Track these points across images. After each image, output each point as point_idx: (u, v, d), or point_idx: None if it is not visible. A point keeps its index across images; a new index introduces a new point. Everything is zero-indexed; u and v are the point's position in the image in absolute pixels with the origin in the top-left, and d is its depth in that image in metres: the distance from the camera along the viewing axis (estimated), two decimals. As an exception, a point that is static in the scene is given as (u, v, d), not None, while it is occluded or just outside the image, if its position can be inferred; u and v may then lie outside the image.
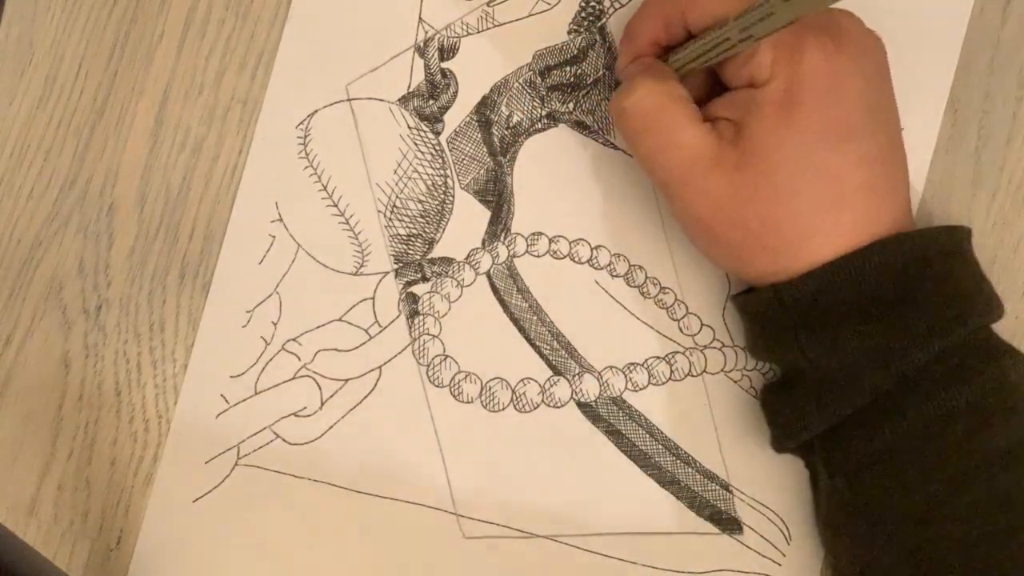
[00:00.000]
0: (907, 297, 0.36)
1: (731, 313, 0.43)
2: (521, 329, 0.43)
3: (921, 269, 0.36)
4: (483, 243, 0.44)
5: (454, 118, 0.44)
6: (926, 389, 0.36)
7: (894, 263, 0.36)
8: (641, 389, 0.43)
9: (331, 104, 0.44)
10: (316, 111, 0.44)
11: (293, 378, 0.44)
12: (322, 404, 0.43)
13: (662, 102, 0.37)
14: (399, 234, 0.44)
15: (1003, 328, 0.42)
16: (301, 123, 0.44)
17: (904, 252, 0.36)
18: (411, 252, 0.44)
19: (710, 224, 0.37)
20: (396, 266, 0.44)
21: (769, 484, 0.43)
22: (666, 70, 0.38)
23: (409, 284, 0.44)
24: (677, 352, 0.43)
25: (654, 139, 0.37)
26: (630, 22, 0.40)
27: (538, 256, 0.44)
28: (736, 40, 0.35)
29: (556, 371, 0.43)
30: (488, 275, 0.44)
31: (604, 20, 0.44)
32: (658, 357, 0.43)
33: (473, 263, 0.44)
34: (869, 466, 0.37)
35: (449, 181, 0.44)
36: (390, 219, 0.44)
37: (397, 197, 0.44)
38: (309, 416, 0.44)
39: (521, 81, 0.44)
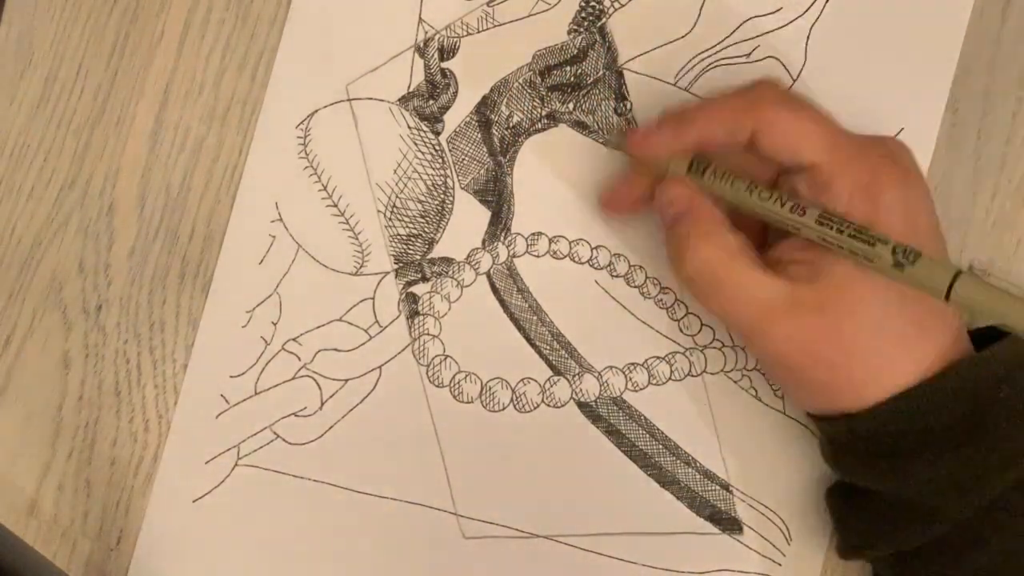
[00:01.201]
0: (979, 426, 0.36)
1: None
2: (521, 329, 0.43)
3: (992, 393, 0.36)
4: (483, 243, 0.44)
5: (454, 118, 0.44)
6: (1004, 518, 0.36)
7: (965, 389, 0.36)
8: (641, 389, 0.43)
9: (331, 104, 0.44)
10: (316, 111, 0.44)
11: (293, 378, 0.44)
12: (322, 404, 0.43)
13: (724, 260, 0.37)
14: (399, 234, 0.44)
15: (1003, 328, 0.42)
16: (301, 123, 0.44)
17: (971, 377, 0.36)
18: (411, 252, 0.44)
19: (794, 367, 0.37)
20: (396, 266, 0.44)
21: (769, 484, 0.43)
22: (714, 217, 0.38)
23: (409, 284, 0.44)
24: (677, 352, 0.43)
25: (724, 296, 0.37)
26: (692, 110, 0.38)
27: (538, 256, 0.44)
28: (787, 218, 0.36)
29: (556, 371, 0.43)
30: (488, 275, 0.44)
31: (604, 20, 0.43)
32: (658, 357, 0.43)
33: (473, 263, 0.44)
34: None
35: (449, 181, 0.44)
36: (390, 219, 0.44)
37: (397, 197, 0.44)
38: (309, 416, 0.44)
39: (521, 81, 0.44)
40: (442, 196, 0.44)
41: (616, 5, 0.43)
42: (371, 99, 0.44)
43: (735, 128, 0.37)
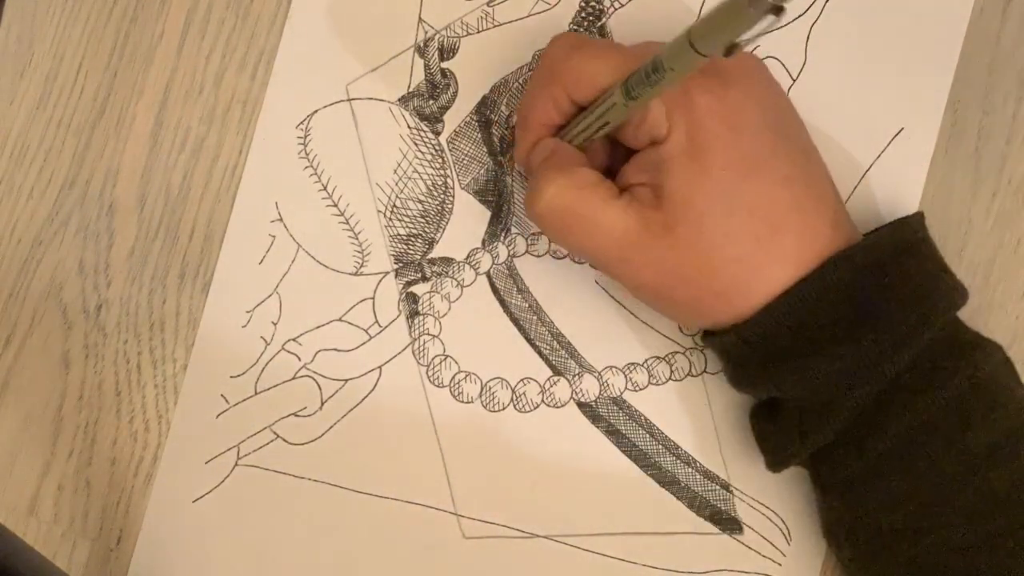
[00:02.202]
0: (867, 312, 0.36)
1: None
2: (521, 329, 0.43)
3: (876, 279, 0.36)
4: (483, 243, 0.44)
5: (454, 118, 0.44)
6: (902, 400, 0.36)
7: (848, 279, 0.36)
8: (641, 389, 0.43)
9: (331, 104, 0.44)
10: (316, 111, 0.44)
11: (293, 378, 0.44)
12: (322, 404, 0.43)
13: (574, 195, 0.37)
14: (399, 234, 0.44)
15: (1004, 329, 0.42)
16: (301, 123, 0.44)
17: (855, 265, 0.36)
18: (411, 252, 0.44)
19: (660, 289, 0.37)
20: (396, 266, 0.44)
21: (769, 484, 0.43)
22: (568, 154, 0.38)
23: (409, 284, 0.44)
24: (677, 352, 0.43)
25: (578, 231, 0.37)
26: (519, 108, 0.40)
27: (538, 256, 0.44)
28: (623, 104, 0.35)
29: (556, 371, 0.43)
30: (488, 275, 0.44)
31: (604, 20, 0.44)
32: (658, 357, 0.43)
33: (473, 263, 0.44)
34: (860, 482, 0.37)
35: (449, 181, 0.44)
36: (390, 219, 0.44)
37: (397, 197, 0.44)
38: (309, 416, 0.44)
39: (521, 81, 0.44)
40: (442, 196, 0.44)
41: (616, 5, 0.43)
42: (371, 99, 0.44)
43: (551, 99, 0.38)
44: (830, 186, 0.38)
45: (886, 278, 0.36)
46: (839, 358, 0.36)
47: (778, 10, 0.28)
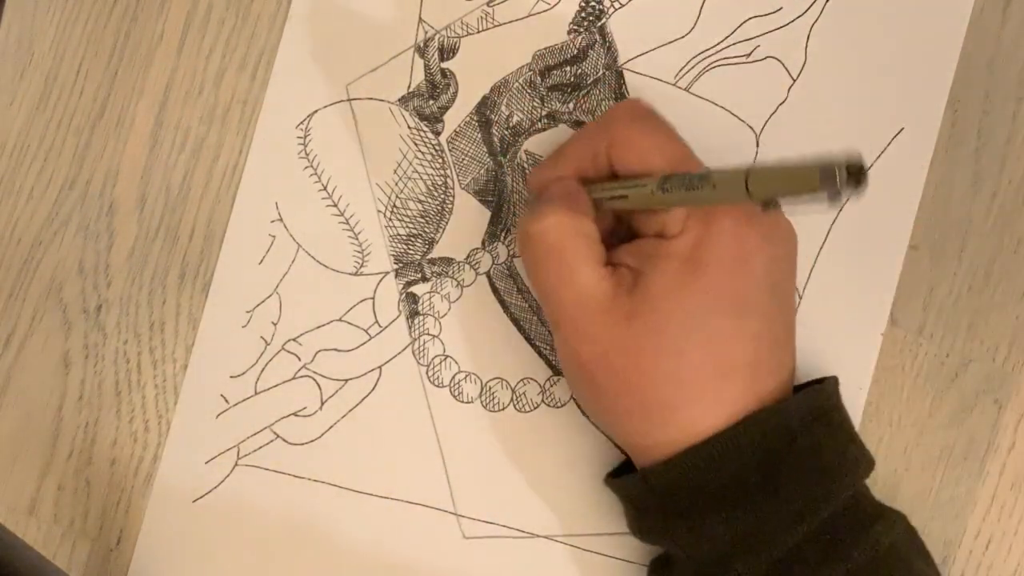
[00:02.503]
0: (772, 480, 0.35)
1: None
2: (521, 329, 0.43)
3: (785, 446, 0.35)
4: (483, 243, 0.44)
5: (454, 118, 0.44)
6: (799, 573, 0.35)
7: (757, 443, 0.35)
8: (641, 389, 0.43)
9: (331, 104, 0.44)
10: (316, 111, 0.44)
11: (293, 378, 0.44)
12: (322, 404, 0.43)
13: (570, 236, 0.36)
14: (399, 234, 0.44)
15: (1003, 329, 0.42)
16: (301, 123, 0.44)
17: (767, 429, 0.35)
18: (411, 252, 0.44)
19: (592, 370, 0.36)
20: (396, 266, 0.44)
21: (769, 484, 0.43)
22: (583, 202, 0.38)
23: (409, 284, 0.44)
24: (677, 352, 0.43)
25: (553, 271, 0.37)
26: (562, 145, 0.40)
27: (538, 256, 0.44)
28: (653, 192, 0.35)
29: (556, 371, 0.43)
30: (488, 275, 0.44)
31: (604, 20, 0.44)
32: (658, 357, 0.43)
33: (473, 263, 0.44)
34: None
35: (449, 181, 0.44)
36: (390, 219, 0.44)
37: (397, 197, 0.44)
38: (309, 416, 0.44)
39: (521, 81, 0.44)
40: (442, 196, 0.44)
41: (616, 5, 0.43)
42: (371, 99, 0.44)
43: (594, 151, 0.38)
44: (790, 363, 0.38)
45: (794, 447, 0.35)
46: (738, 520, 0.35)
47: (836, 196, 0.28)
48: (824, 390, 0.37)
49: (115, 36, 0.44)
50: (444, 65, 0.44)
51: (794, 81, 0.43)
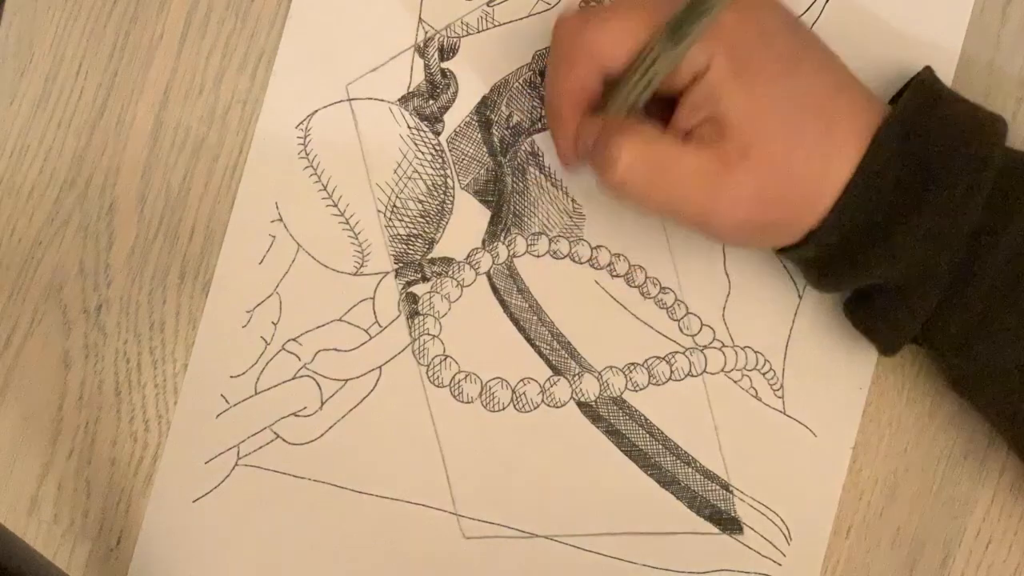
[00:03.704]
0: (928, 172, 0.36)
1: (731, 314, 0.43)
2: (521, 329, 0.43)
3: (923, 139, 0.36)
4: (483, 243, 0.44)
5: (454, 118, 0.44)
6: (989, 243, 0.36)
7: (898, 149, 0.36)
8: (641, 389, 0.43)
9: (331, 104, 0.44)
10: (316, 111, 0.44)
11: (293, 378, 0.44)
12: (322, 404, 0.43)
13: (650, 150, 0.37)
14: (399, 234, 0.44)
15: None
16: (301, 123, 0.44)
17: (901, 133, 0.36)
18: (411, 252, 0.44)
19: (755, 220, 0.37)
20: (396, 266, 0.44)
21: (769, 484, 0.43)
22: (624, 121, 0.38)
23: (409, 284, 0.44)
24: (677, 352, 0.43)
25: (663, 188, 0.37)
26: (551, 106, 0.40)
27: (538, 256, 0.44)
28: (672, 50, 0.35)
29: (556, 371, 0.43)
30: (488, 275, 0.44)
31: (604, 20, 0.43)
32: (658, 357, 0.43)
33: (473, 263, 0.44)
34: (974, 332, 0.37)
35: (449, 181, 0.44)
36: (390, 219, 0.44)
37: (397, 197, 0.44)
38: (309, 416, 0.44)
39: (521, 81, 0.44)
40: (442, 196, 0.44)
41: (616, 5, 0.43)
42: (371, 99, 0.44)
43: (579, 81, 0.38)
44: (848, 69, 0.39)
45: (930, 136, 0.37)
46: (918, 226, 0.36)
47: None
48: (925, 79, 0.38)
49: (115, 36, 0.44)
50: (444, 65, 0.44)
51: (794, 81, 0.43)
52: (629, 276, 0.43)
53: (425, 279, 0.44)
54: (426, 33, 0.44)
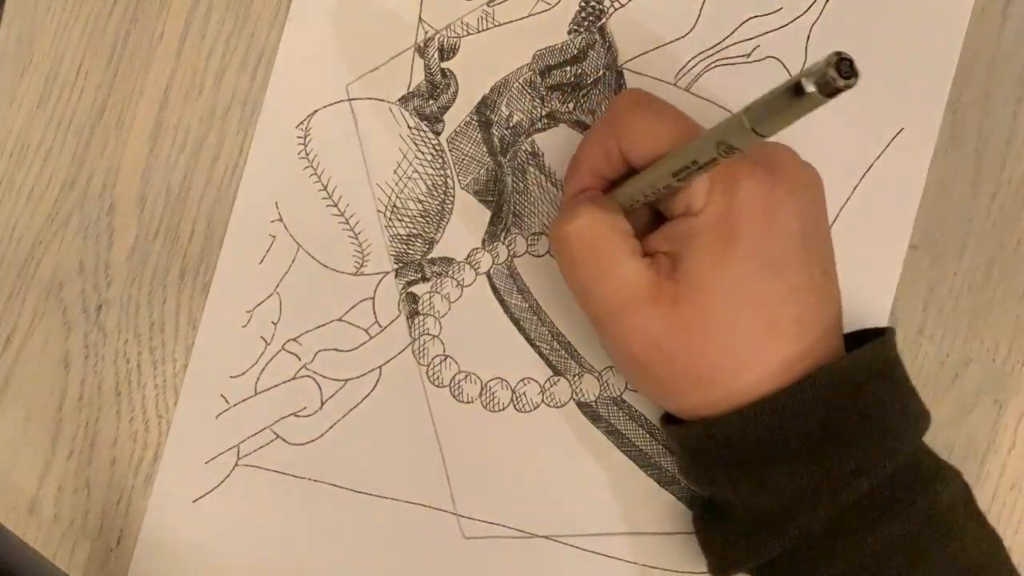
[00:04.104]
0: (834, 435, 0.35)
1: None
2: (521, 329, 0.43)
3: (847, 401, 0.35)
4: (483, 243, 0.44)
5: (454, 118, 0.44)
6: (858, 527, 0.35)
7: (820, 399, 0.35)
8: (641, 389, 0.43)
9: (331, 104, 0.44)
10: (316, 111, 0.44)
11: (293, 378, 0.44)
12: (322, 404, 0.43)
13: (605, 232, 0.36)
14: (399, 234, 0.44)
15: (1003, 329, 0.42)
16: (301, 123, 0.44)
17: (830, 385, 0.35)
18: (411, 252, 0.44)
19: (643, 360, 0.37)
20: (396, 266, 0.44)
21: (769, 484, 0.43)
22: (610, 203, 0.38)
23: (409, 284, 0.44)
24: (677, 352, 0.43)
25: (593, 269, 0.37)
26: (574, 155, 0.40)
27: (538, 256, 0.44)
28: (673, 184, 0.35)
29: (556, 371, 0.43)
30: (488, 275, 0.44)
31: (604, 20, 0.43)
32: (658, 357, 0.43)
33: (473, 263, 0.44)
34: None
35: (449, 181, 0.44)
36: (390, 219, 0.44)
37: (397, 197, 0.44)
38: (309, 416, 0.44)
39: (521, 81, 0.44)
40: (442, 196, 0.44)
41: (616, 5, 0.43)
42: (371, 99, 0.44)
43: (606, 151, 0.38)
44: (836, 311, 0.38)
45: (859, 402, 0.35)
46: (801, 474, 0.35)
47: (833, 89, 0.28)
48: (886, 343, 0.37)
49: (115, 36, 0.44)
50: (444, 65, 0.44)
51: (794, 81, 0.43)
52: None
53: (425, 279, 0.44)
54: (426, 33, 0.44)
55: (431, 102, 0.44)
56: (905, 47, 0.43)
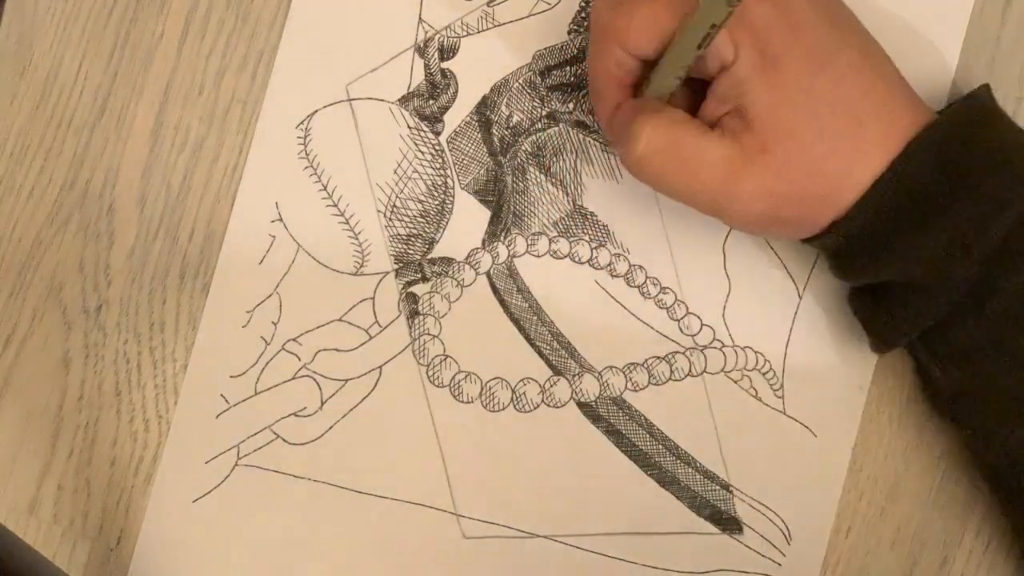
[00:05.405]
0: (961, 183, 0.36)
1: (731, 314, 0.43)
2: (521, 329, 0.43)
3: (963, 151, 0.36)
4: (483, 243, 0.44)
5: (454, 118, 0.44)
6: (1011, 263, 0.36)
7: (934, 156, 0.36)
8: (641, 389, 0.43)
9: (331, 104, 0.44)
10: (316, 111, 0.44)
11: (293, 378, 0.44)
12: (322, 404, 0.43)
13: (672, 132, 0.37)
14: (399, 234, 0.44)
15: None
16: (301, 123, 0.44)
17: (939, 141, 0.36)
18: (411, 252, 0.44)
19: (771, 213, 0.37)
20: (396, 266, 0.44)
21: (769, 484, 0.43)
22: (653, 102, 0.38)
23: (409, 284, 0.44)
24: (677, 352, 0.43)
25: (681, 172, 0.37)
26: (589, 81, 0.40)
27: (538, 256, 0.44)
28: (701, 36, 0.35)
29: (556, 371, 0.43)
30: (488, 275, 0.44)
31: (604, 20, 0.43)
32: (658, 357, 0.43)
33: (473, 263, 0.44)
34: (983, 347, 0.37)
35: (449, 181, 0.44)
36: (390, 219, 0.44)
37: (397, 197, 0.44)
38: (309, 416, 0.44)
39: (521, 81, 0.44)
40: (442, 196, 0.44)
41: (616, 5, 0.43)
42: (371, 99, 0.44)
43: (614, 59, 0.38)
44: (893, 67, 0.39)
45: (972, 148, 0.36)
46: (944, 230, 0.36)
47: None
48: (980, 95, 0.38)
49: (115, 36, 0.44)
50: (444, 65, 0.44)
51: (794, 81, 0.43)
52: (629, 276, 0.43)
53: (425, 279, 0.44)
54: (426, 33, 0.44)
55: (431, 102, 0.44)
56: (905, 47, 0.43)
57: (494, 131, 0.44)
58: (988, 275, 0.36)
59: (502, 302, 0.44)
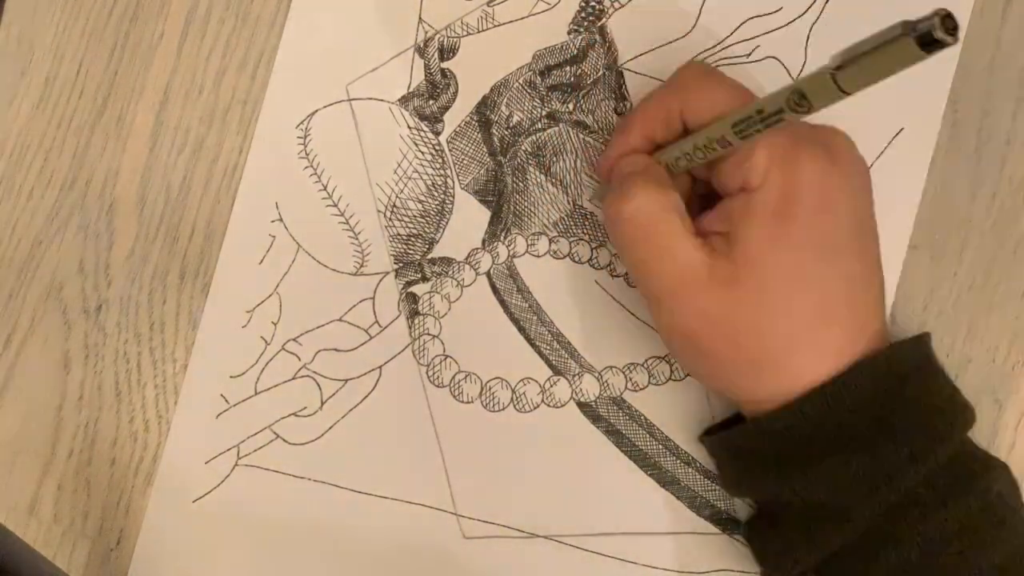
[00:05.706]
0: (886, 423, 0.35)
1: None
2: (521, 329, 0.43)
3: (897, 390, 0.36)
4: (483, 243, 0.44)
5: (454, 118, 0.44)
6: (916, 515, 0.35)
7: (870, 387, 0.35)
8: (641, 389, 0.43)
9: (331, 104, 0.44)
10: (316, 111, 0.44)
11: (293, 378, 0.44)
12: (322, 404, 0.43)
13: (661, 211, 0.37)
14: (399, 234, 0.44)
15: (1003, 329, 0.42)
16: (301, 123, 0.44)
17: (880, 373, 0.36)
18: (411, 252, 0.44)
19: (699, 339, 0.37)
20: (396, 266, 0.44)
21: (769, 484, 0.43)
22: (662, 175, 0.38)
23: (409, 284, 0.44)
24: (677, 352, 0.43)
25: (650, 248, 0.37)
26: (630, 115, 0.40)
27: (538, 256, 0.44)
28: (731, 139, 0.35)
29: (556, 371, 0.43)
30: (488, 275, 0.44)
31: (604, 20, 0.44)
32: (658, 357, 0.43)
33: (473, 263, 0.44)
34: None
35: (449, 181, 0.44)
36: (390, 219, 0.44)
37: (397, 197, 0.44)
38: (309, 416, 0.44)
39: (521, 81, 0.44)
40: (442, 196, 0.44)
41: (616, 5, 0.43)
42: (371, 99, 0.44)
43: (667, 115, 0.38)
44: (881, 298, 0.38)
45: (908, 390, 0.36)
46: (855, 463, 0.35)
47: (937, 47, 0.27)
48: (923, 340, 0.38)
49: (115, 36, 0.44)
50: (444, 65, 0.44)
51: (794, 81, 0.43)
52: (629, 276, 0.43)
53: (425, 279, 0.44)
54: (426, 33, 0.44)
55: (431, 102, 0.44)
56: (905, 47, 0.43)
57: (494, 131, 0.44)
58: (890, 522, 0.35)
59: (502, 302, 0.44)
